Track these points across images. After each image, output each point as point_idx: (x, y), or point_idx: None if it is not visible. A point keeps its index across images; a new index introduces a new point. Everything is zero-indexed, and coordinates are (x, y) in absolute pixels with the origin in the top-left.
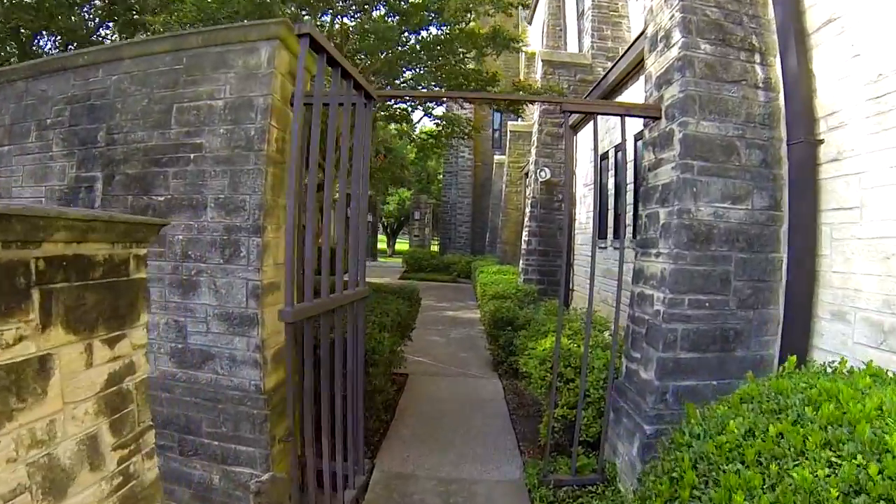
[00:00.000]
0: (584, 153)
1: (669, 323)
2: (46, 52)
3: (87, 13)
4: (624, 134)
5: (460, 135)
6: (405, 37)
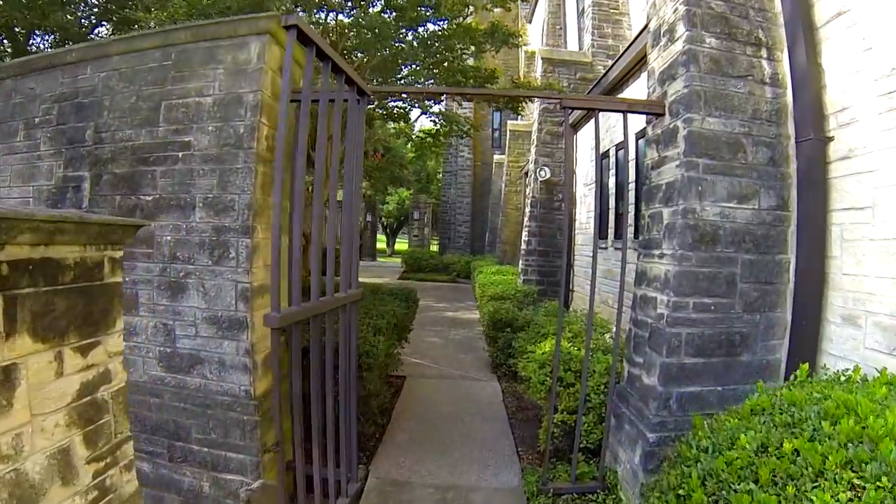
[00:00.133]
0: (585, 152)
1: (673, 327)
2: (41, 51)
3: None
4: (626, 131)
5: (459, 133)
6: (402, 33)
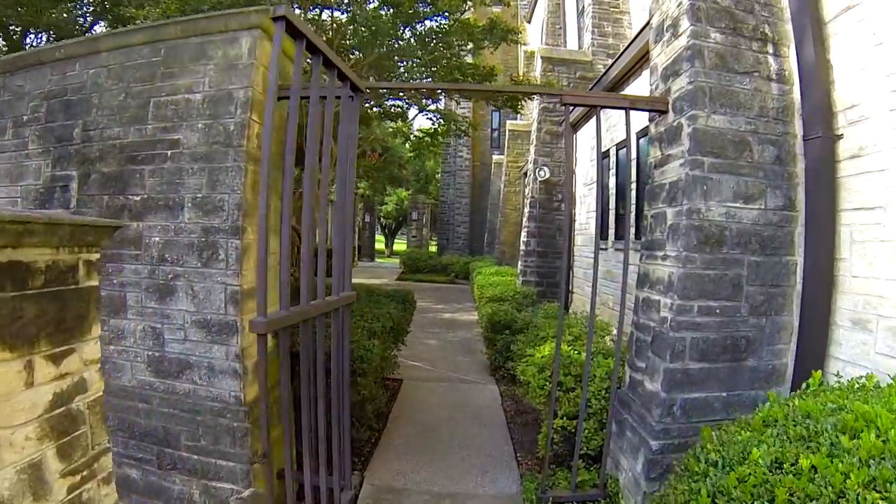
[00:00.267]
0: (584, 152)
1: (678, 331)
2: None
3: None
4: (628, 128)
5: (457, 133)
6: (399, 30)
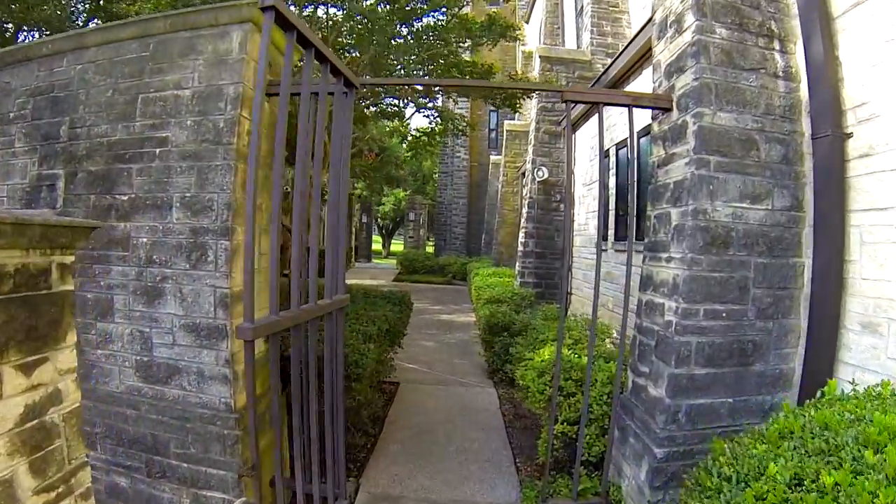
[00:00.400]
0: (583, 152)
1: (683, 335)
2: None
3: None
4: (631, 126)
5: (455, 132)
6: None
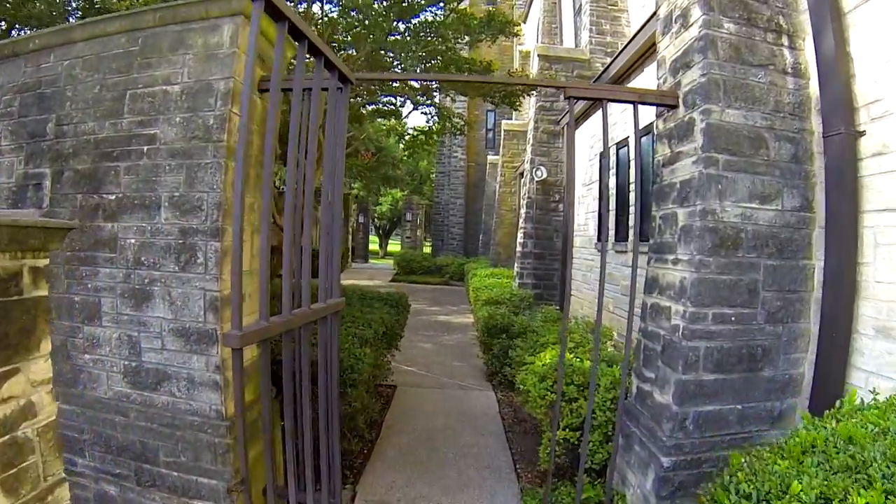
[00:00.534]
0: (582, 152)
1: (691, 340)
2: None
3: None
4: (637, 123)
5: (453, 131)
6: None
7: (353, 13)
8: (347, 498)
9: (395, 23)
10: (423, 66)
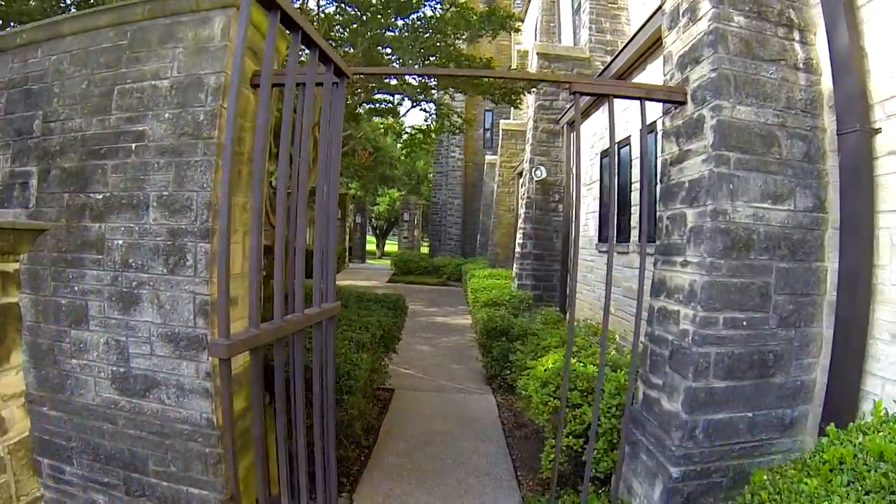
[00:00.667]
0: (582, 151)
1: (701, 346)
2: None
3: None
4: (644, 119)
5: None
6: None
7: (351, 9)
8: None
9: (394, 19)
10: (422, 63)
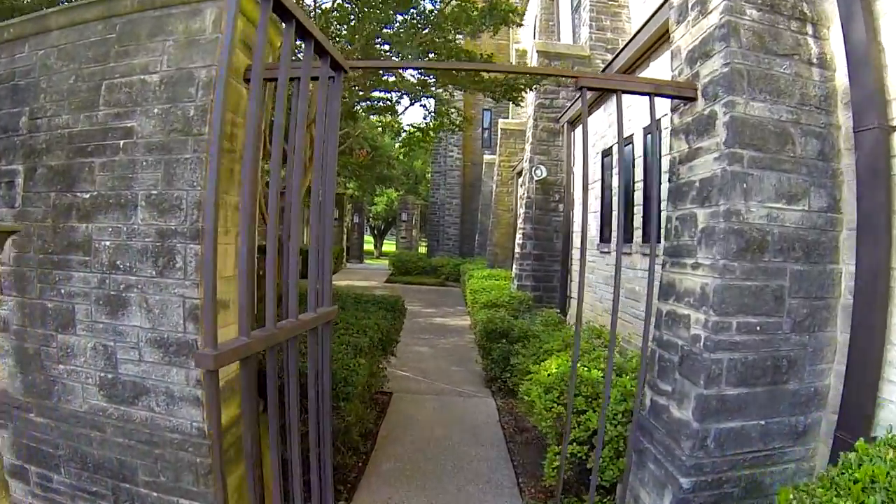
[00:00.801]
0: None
1: (714, 352)
2: None
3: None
4: (653, 115)
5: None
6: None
7: (348, 4)
8: None
9: (393, 14)
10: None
